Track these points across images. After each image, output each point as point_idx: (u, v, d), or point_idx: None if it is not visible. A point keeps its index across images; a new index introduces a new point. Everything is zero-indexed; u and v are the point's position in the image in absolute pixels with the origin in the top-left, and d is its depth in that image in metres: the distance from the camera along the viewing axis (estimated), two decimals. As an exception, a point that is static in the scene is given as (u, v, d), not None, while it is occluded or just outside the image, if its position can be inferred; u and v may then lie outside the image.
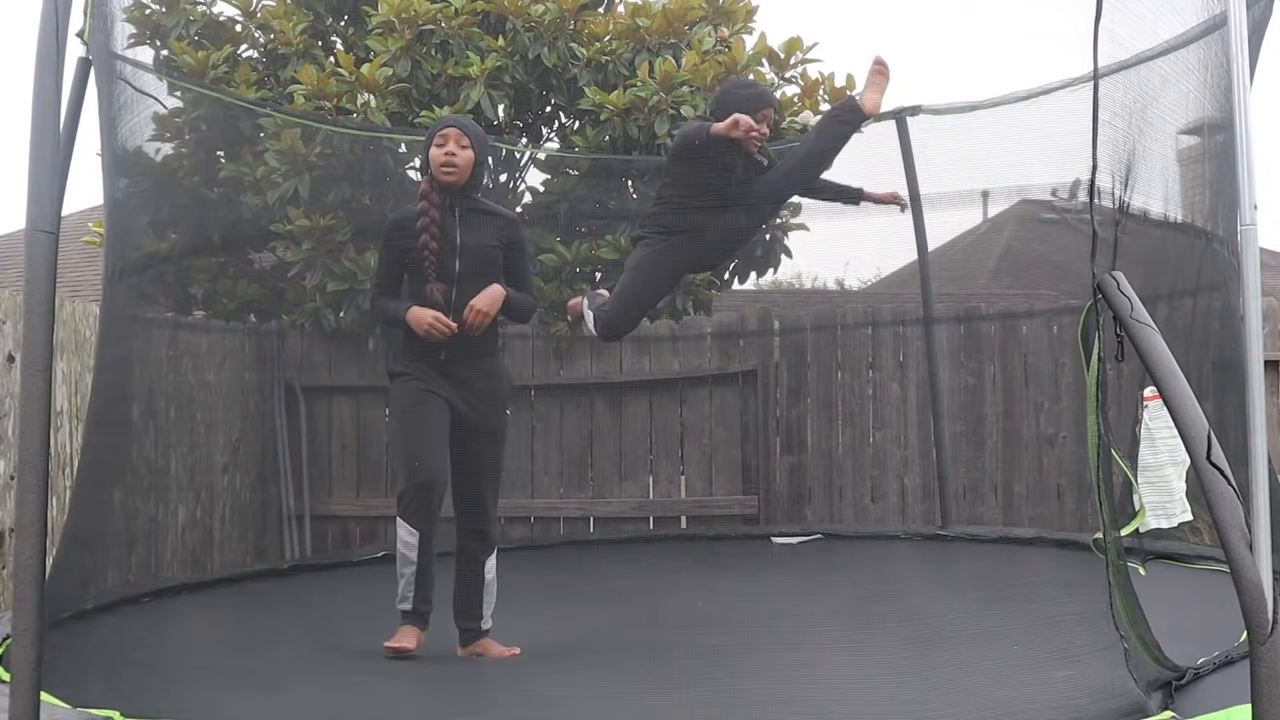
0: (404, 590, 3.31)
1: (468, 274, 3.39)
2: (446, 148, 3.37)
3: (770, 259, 6.00)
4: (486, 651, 3.44)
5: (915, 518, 6.17)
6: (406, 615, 3.32)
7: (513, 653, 3.44)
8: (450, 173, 3.37)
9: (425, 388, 3.38)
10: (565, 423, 6.43)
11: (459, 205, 3.42)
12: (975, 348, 6.26)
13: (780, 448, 6.40)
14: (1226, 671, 2.64)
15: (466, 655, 3.45)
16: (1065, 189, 6.34)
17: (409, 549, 3.29)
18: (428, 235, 3.34)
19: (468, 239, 3.41)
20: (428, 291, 3.37)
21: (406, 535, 3.29)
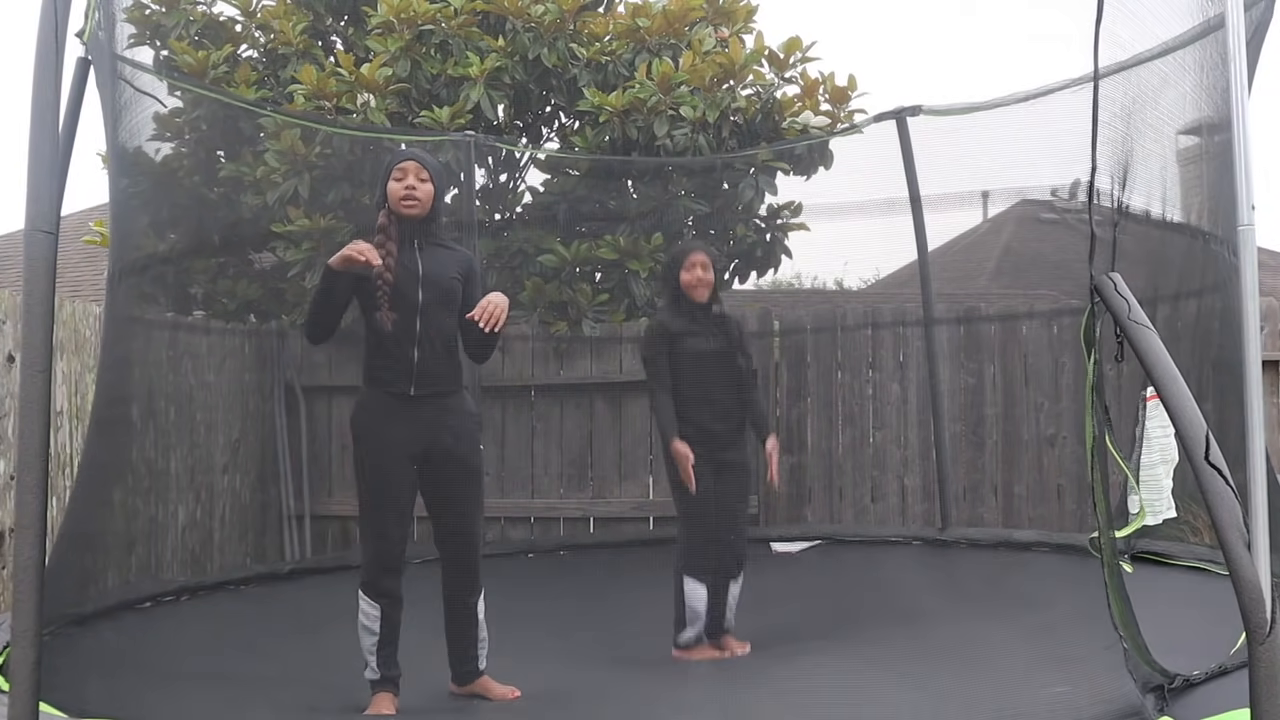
0: (367, 659, 3.27)
1: (431, 304, 3.30)
2: (406, 181, 3.30)
3: (770, 259, 6.00)
4: (486, 691, 3.40)
5: (915, 518, 6.17)
6: (375, 684, 3.27)
7: (514, 694, 3.39)
8: (412, 206, 3.29)
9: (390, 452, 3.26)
10: (565, 423, 6.43)
11: (419, 238, 3.35)
12: (975, 348, 6.26)
13: (780, 448, 6.39)
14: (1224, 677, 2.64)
15: (463, 693, 3.41)
16: (1065, 189, 6.35)
17: (370, 621, 3.23)
18: (383, 266, 3.22)
19: (429, 270, 3.32)
20: (378, 319, 3.26)
21: (367, 608, 3.24)
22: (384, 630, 3.23)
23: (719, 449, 4.06)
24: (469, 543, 3.39)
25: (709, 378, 4.04)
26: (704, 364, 4.04)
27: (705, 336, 4.05)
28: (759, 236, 5.93)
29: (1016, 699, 2.74)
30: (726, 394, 4.07)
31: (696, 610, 4.00)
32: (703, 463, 4.02)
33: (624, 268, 5.62)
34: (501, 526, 6.32)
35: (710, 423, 4.04)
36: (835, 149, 5.77)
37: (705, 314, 4.08)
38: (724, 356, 4.07)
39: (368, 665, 3.25)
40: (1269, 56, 3.53)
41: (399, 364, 3.27)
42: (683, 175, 5.76)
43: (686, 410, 4.04)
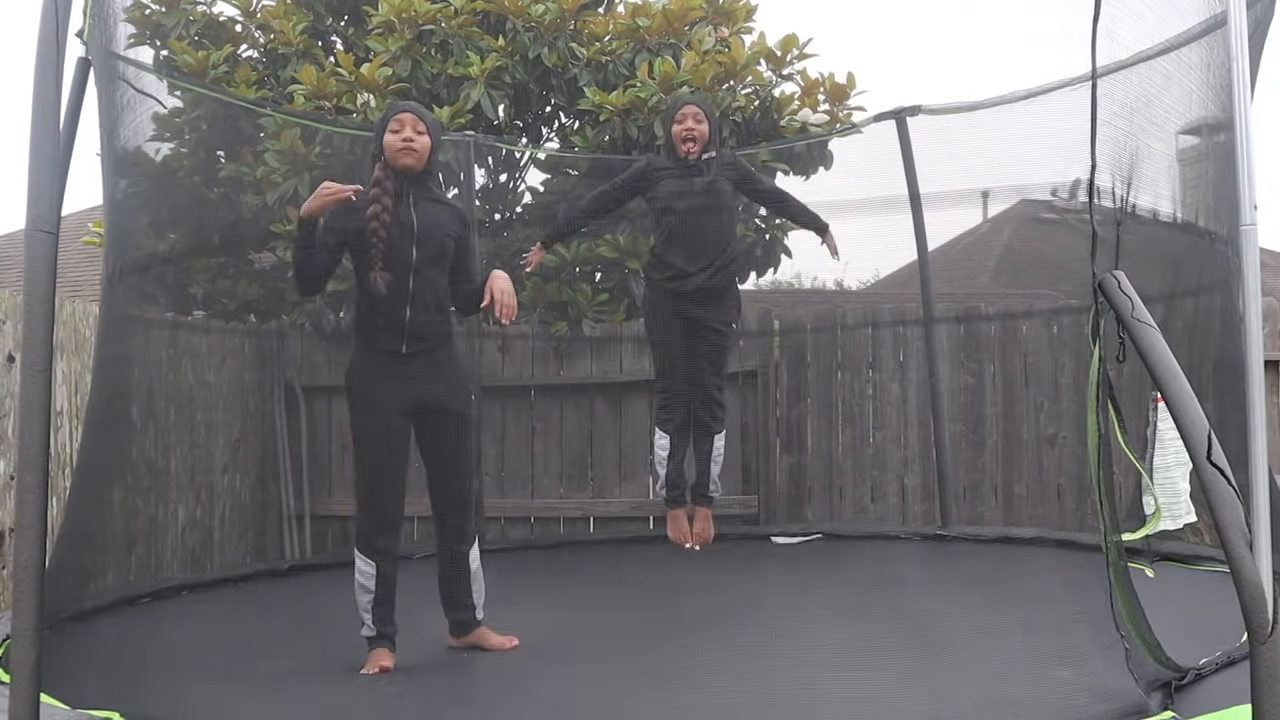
0: (363, 617, 3.28)
1: (425, 261, 3.29)
2: (404, 133, 3.27)
3: (770, 259, 6.01)
4: (483, 641, 3.41)
5: (915, 518, 6.16)
6: (371, 640, 3.28)
7: (512, 643, 3.40)
8: (409, 155, 3.26)
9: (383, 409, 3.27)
10: (565, 423, 6.43)
11: (414, 192, 3.32)
12: (975, 348, 6.26)
13: (780, 448, 6.39)
14: (1227, 672, 2.64)
15: (462, 645, 3.42)
16: (1065, 189, 6.34)
17: (366, 578, 3.25)
18: (378, 223, 3.21)
19: (424, 225, 3.30)
20: (371, 280, 3.24)
21: (363, 565, 3.26)
22: (379, 588, 3.25)
23: (693, 301, 4.04)
24: (460, 492, 3.41)
25: (688, 224, 4.02)
26: (684, 209, 4.03)
27: (687, 180, 4.03)
28: (759, 236, 5.93)
29: (1016, 694, 2.74)
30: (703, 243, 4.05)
31: (659, 459, 4.13)
32: (676, 311, 4.04)
33: (624, 267, 5.62)
34: (501, 526, 6.32)
35: (686, 265, 4.03)
36: (834, 149, 5.78)
37: (693, 167, 4.05)
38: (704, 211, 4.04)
39: (363, 623, 3.26)
40: (1270, 55, 3.53)
41: (391, 322, 3.27)
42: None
43: (662, 253, 4.06)
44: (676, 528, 3.97)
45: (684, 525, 3.97)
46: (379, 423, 3.27)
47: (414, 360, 3.30)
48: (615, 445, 6.37)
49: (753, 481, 6.33)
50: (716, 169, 4.03)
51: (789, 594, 4.51)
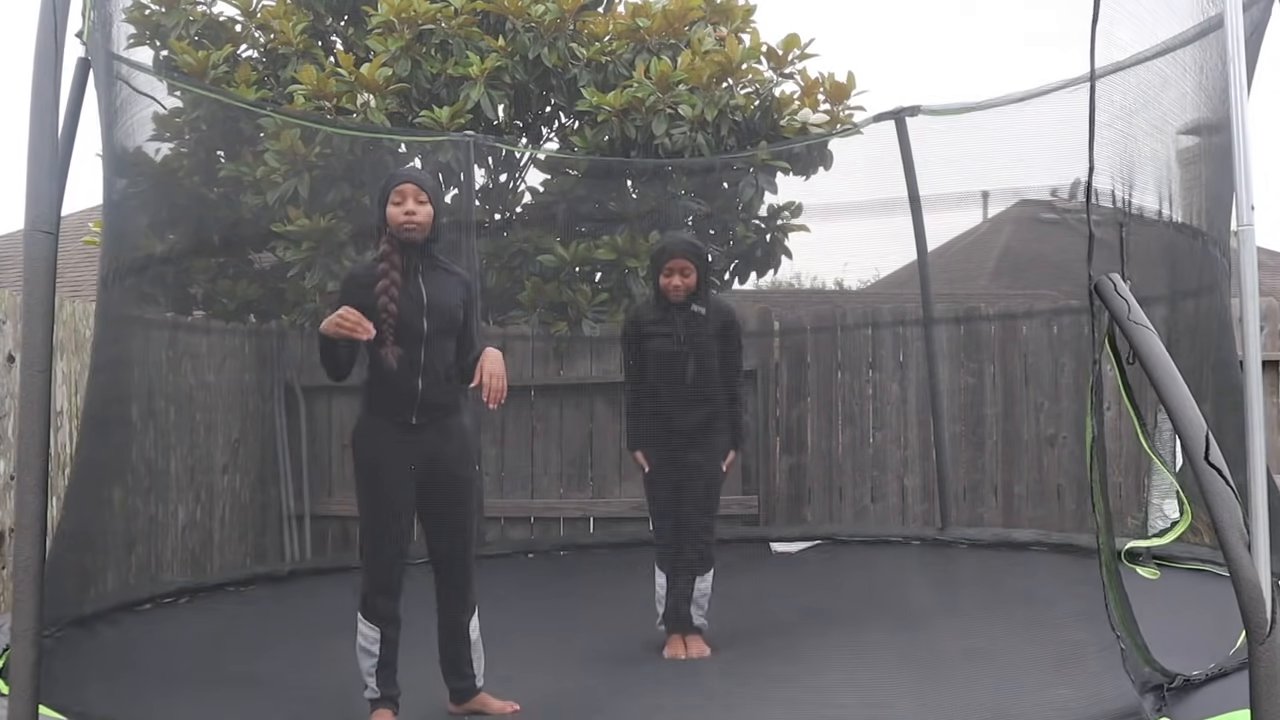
0: (366, 680, 3.26)
1: (436, 333, 3.29)
2: (405, 206, 3.25)
3: (770, 259, 6.00)
4: (484, 707, 3.38)
5: (915, 518, 6.16)
6: (375, 703, 3.27)
7: (512, 708, 3.38)
8: (412, 230, 3.26)
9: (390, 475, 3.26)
10: (565, 423, 6.43)
11: (422, 262, 3.32)
12: (975, 348, 6.26)
13: (780, 448, 6.39)
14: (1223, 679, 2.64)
15: (461, 711, 3.40)
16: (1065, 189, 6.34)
17: (369, 643, 3.23)
18: (386, 297, 3.21)
19: (434, 297, 3.30)
20: (382, 355, 3.24)
21: (367, 630, 3.24)
22: (383, 652, 3.23)
23: (680, 448, 4.13)
24: (463, 561, 3.38)
25: (673, 377, 4.08)
26: (669, 363, 4.09)
27: (674, 337, 4.09)
28: (759, 236, 5.92)
29: (1015, 699, 2.74)
30: (692, 395, 4.10)
31: (659, 596, 4.14)
32: (666, 459, 4.14)
33: (623, 267, 5.62)
34: (501, 526, 6.32)
35: (674, 421, 4.09)
36: (834, 149, 5.77)
37: (680, 313, 4.11)
38: (692, 358, 4.09)
39: (367, 686, 3.24)
40: (1267, 57, 3.53)
41: (403, 394, 3.26)
42: (682, 175, 5.76)
43: (652, 406, 4.12)
44: (673, 650, 4.05)
45: (679, 648, 4.05)
46: (386, 488, 3.26)
47: (424, 430, 3.29)
48: (615, 445, 6.37)
49: (753, 482, 6.33)
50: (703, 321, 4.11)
51: (788, 600, 4.52)
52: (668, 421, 4.13)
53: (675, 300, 4.10)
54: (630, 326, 4.29)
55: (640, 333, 4.20)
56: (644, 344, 4.19)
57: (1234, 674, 2.54)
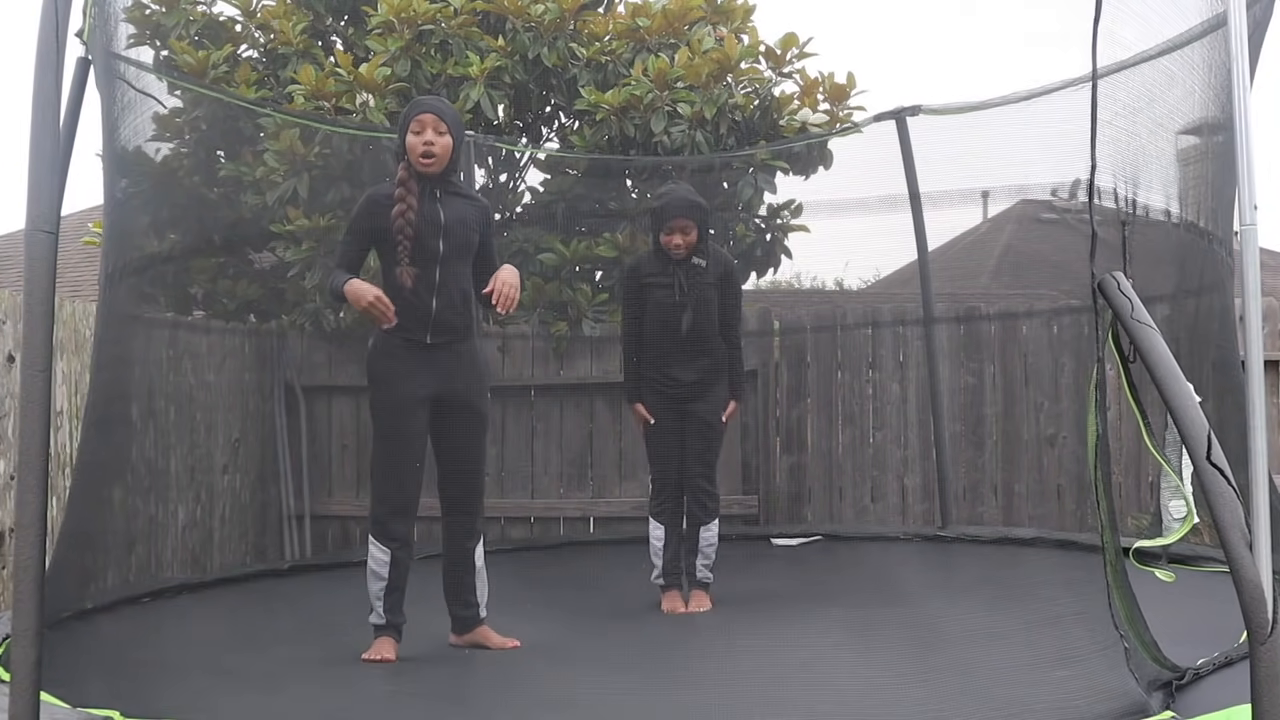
0: (374, 604, 3.28)
1: (451, 255, 3.33)
2: (424, 136, 3.30)
3: (770, 259, 6.00)
4: (485, 639, 3.41)
5: (915, 518, 6.16)
6: (379, 629, 3.28)
7: (513, 644, 3.40)
8: (430, 162, 3.30)
9: (405, 394, 3.29)
10: (565, 423, 6.43)
11: (440, 189, 3.37)
12: (975, 348, 6.26)
13: (780, 448, 6.39)
14: (1226, 672, 2.64)
15: (463, 644, 3.41)
16: (1065, 189, 6.34)
17: (380, 565, 3.25)
18: (403, 221, 3.25)
19: (450, 220, 3.34)
20: (398, 275, 3.28)
21: (378, 553, 3.26)
22: (393, 575, 3.25)
23: (683, 399, 4.20)
24: (472, 487, 3.42)
25: (675, 329, 4.12)
26: (670, 315, 4.13)
27: (675, 289, 4.13)
28: (758, 236, 5.93)
29: (1017, 695, 2.74)
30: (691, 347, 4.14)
31: (655, 549, 4.20)
32: (666, 410, 4.21)
33: (623, 265, 5.61)
34: (501, 526, 6.32)
35: (674, 372, 4.14)
36: (834, 148, 5.77)
37: (681, 267, 4.14)
38: (693, 310, 4.13)
39: (373, 610, 3.26)
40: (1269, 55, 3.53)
41: (417, 312, 3.30)
42: (682, 174, 5.76)
43: (652, 357, 4.16)
44: (670, 604, 4.08)
45: (678, 602, 4.07)
46: (400, 407, 3.30)
47: (438, 350, 3.33)
48: (615, 445, 6.37)
49: (753, 481, 6.33)
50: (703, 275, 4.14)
51: (790, 595, 4.52)
52: (668, 373, 4.17)
53: (676, 257, 4.13)
54: (630, 277, 4.34)
55: (640, 284, 4.23)
56: (644, 296, 4.22)
57: (1239, 663, 2.54)
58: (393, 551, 3.25)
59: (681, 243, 4.13)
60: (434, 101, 3.48)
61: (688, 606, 4.10)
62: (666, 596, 4.14)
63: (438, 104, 3.43)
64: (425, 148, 3.30)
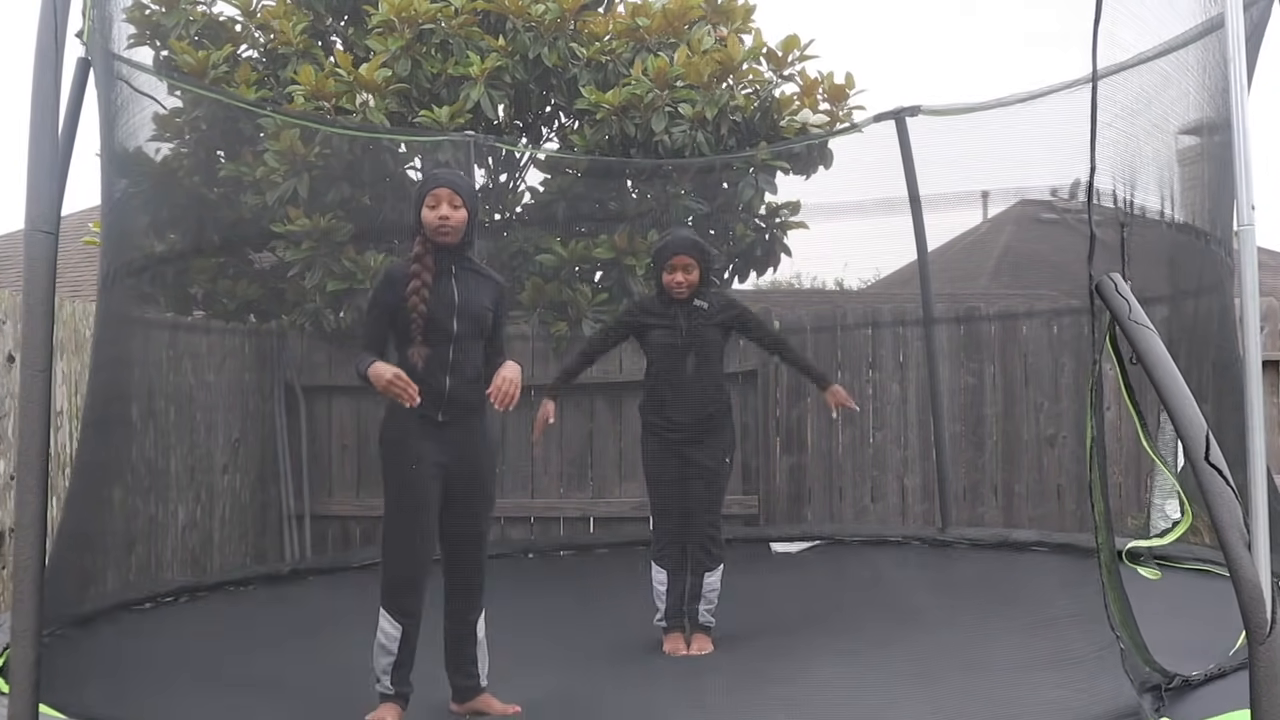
0: (380, 677, 3.25)
1: (465, 335, 3.33)
2: (440, 210, 3.29)
3: (770, 259, 6.00)
4: (486, 708, 3.38)
5: (915, 518, 6.17)
6: (385, 697, 3.27)
7: (514, 710, 3.38)
8: (446, 235, 3.30)
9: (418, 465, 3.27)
10: (565, 423, 6.43)
11: (455, 265, 3.36)
12: (975, 348, 6.26)
13: (780, 448, 6.40)
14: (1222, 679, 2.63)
15: (463, 711, 3.40)
16: (1065, 189, 6.35)
17: (389, 641, 3.22)
18: (417, 298, 3.25)
19: (465, 299, 3.34)
20: (409, 355, 3.28)
21: (389, 627, 3.23)
22: (402, 651, 3.23)
23: (683, 442, 4.15)
24: (475, 562, 3.40)
25: (675, 371, 4.10)
26: (670, 357, 4.12)
27: (676, 331, 4.12)
28: (758, 236, 5.92)
29: (1014, 698, 2.74)
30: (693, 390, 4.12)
31: (659, 593, 4.16)
32: (667, 455, 4.18)
33: (622, 266, 5.62)
34: (501, 526, 6.32)
35: (675, 416, 4.12)
36: (835, 149, 5.77)
37: (684, 310, 4.13)
38: (694, 354, 4.12)
39: (379, 681, 3.24)
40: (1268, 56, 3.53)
41: (431, 391, 3.27)
42: (682, 174, 5.76)
43: (652, 398, 4.16)
44: (673, 645, 4.07)
45: (680, 644, 4.06)
46: (413, 481, 3.27)
47: (449, 428, 3.32)
48: (615, 445, 6.37)
49: (753, 481, 6.33)
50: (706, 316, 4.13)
51: (788, 600, 4.52)
52: (669, 417, 4.15)
53: (678, 297, 4.12)
54: (628, 312, 4.38)
55: (639, 323, 4.23)
56: (645, 338, 4.21)
57: (1233, 674, 2.54)
58: (405, 628, 3.23)
59: (683, 280, 4.10)
60: (449, 175, 3.47)
61: (689, 649, 4.07)
62: (669, 639, 4.11)
63: (453, 178, 3.43)
64: (441, 223, 3.29)
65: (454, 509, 3.36)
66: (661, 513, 4.24)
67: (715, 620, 4.12)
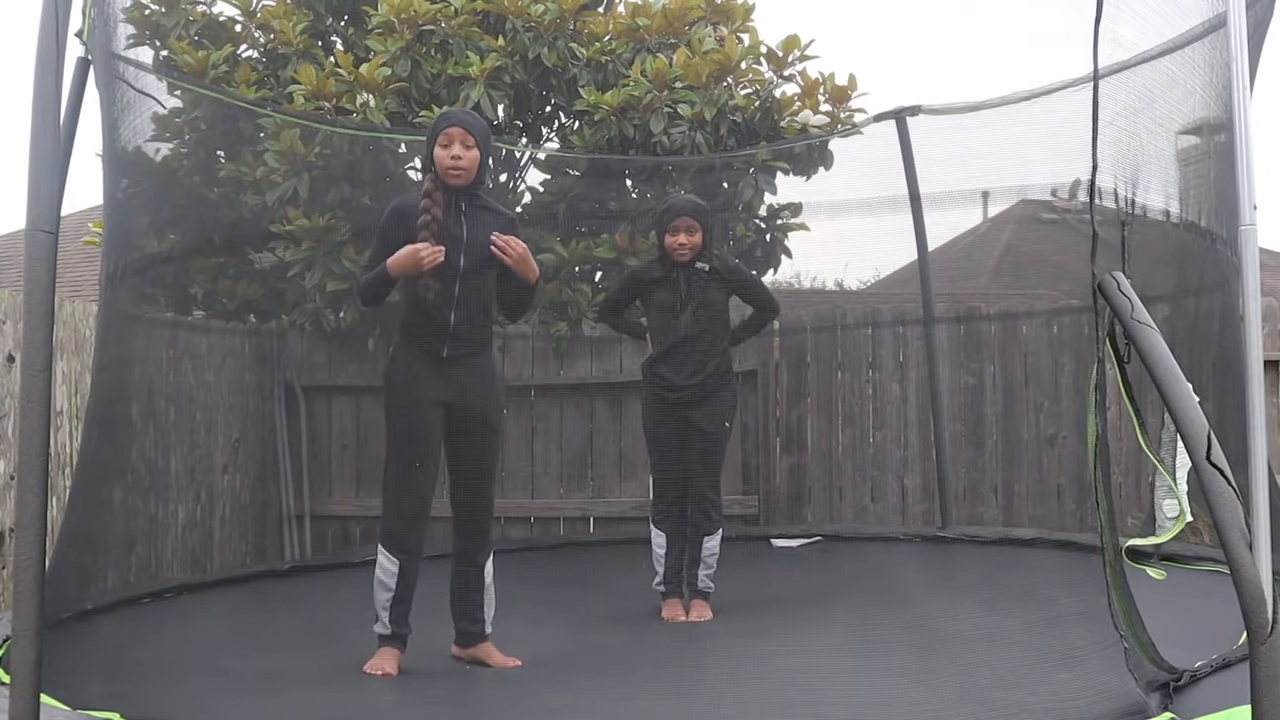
0: (380, 614, 3.27)
1: (472, 269, 3.35)
2: (452, 149, 3.30)
3: (770, 259, 6.00)
4: (487, 657, 3.40)
5: (915, 518, 6.17)
6: (384, 639, 3.28)
7: (514, 664, 3.40)
8: (457, 176, 3.31)
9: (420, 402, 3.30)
10: (565, 423, 6.43)
11: (465, 202, 3.38)
12: (975, 348, 6.26)
13: (780, 448, 6.40)
14: (1225, 673, 2.64)
15: (465, 656, 3.41)
16: (1065, 189, 6.35)
17: (388, 576, 3.24)
18: (427, 232, 3.26)
19: (473, 235, 3.35)
20: (418, 287, 3.30)
21: (386, 563, 3.25)
22: (400, 587, 3.25)
23: (683, 404, 4.14)
24: (484, 502, 3.42)
25: (675, 331, 4.11)
26: (671, 317, 4.13)
27: (677, 292, 4.12)
28: (759, 236, 5.93)
29: (1016, 696, 2.74)
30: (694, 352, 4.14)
31: (657, 556, 4.19)
32: (666, 415, 4.19)
33: (622, 265, 5.62)
34: (501, 526, 6.32)
35: (674, 376, 4.12)
36: (835, 149, 5.77)
37: (685, 272, 4.13)
38: (694, 313, 4.12)
39: (378, 619, 3.25)
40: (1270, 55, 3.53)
41: (435, 324, 3.32)
42: (682, 174, 5.76)
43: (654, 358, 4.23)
44: (671, 611, 4.08)
45: (678, 610, 4.07)
46: (415, 416, 3.31)
47: (454, 363, 3.35)
48: (615, 445, 6.37)
49: (753, 481, 6.33)
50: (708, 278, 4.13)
51: (790, 597, 4.52)
52: (668, 377, 4.16)
53: (680, 259, 4.11)
54: (630, 275, 4.38)
55: (642, 284, 4.24)
56: (648, 299, 4.21)
57: (1237, 665, 2.54)
58: (402, 563, 3.25)
59: (686, 242, 4.10)
60: (462, 115, 3.47)
61: (688, 615, 4.08)
62: (667, 604, 4.13)
63: (466, 117, 3.43)
64: (453, 162, 3.30)
65: (459, 446, 3.39)
66: (659, 472, 4.26)
67: (714, 586, 4.14)
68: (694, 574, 4.15)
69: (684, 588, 4.17)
